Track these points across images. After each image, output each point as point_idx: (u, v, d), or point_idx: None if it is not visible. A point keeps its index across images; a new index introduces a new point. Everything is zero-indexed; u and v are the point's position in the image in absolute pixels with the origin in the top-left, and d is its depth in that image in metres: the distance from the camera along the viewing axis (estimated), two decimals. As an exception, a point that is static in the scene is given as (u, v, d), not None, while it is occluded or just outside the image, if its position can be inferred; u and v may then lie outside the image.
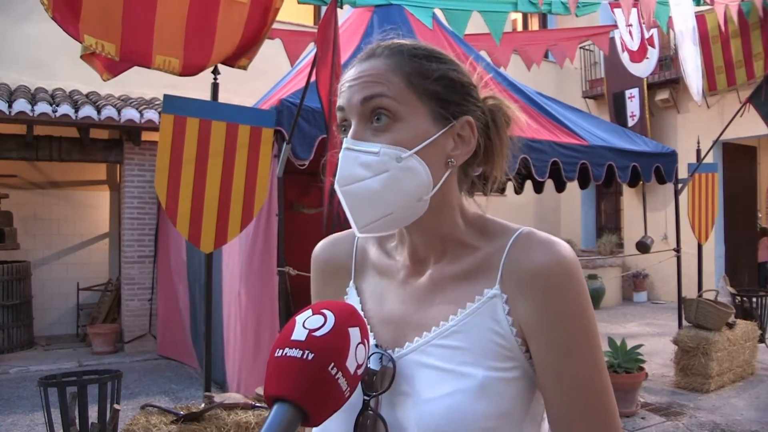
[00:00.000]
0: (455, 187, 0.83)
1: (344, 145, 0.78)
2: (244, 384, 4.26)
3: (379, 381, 0.76)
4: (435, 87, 0.79)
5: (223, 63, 3.11)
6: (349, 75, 0.81)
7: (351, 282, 0.90)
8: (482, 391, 0.71)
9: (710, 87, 6.46)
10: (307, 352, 0.65)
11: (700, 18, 6.25)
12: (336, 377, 0.66)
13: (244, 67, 3.18)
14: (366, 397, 0.76)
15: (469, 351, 0.74)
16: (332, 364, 0.66)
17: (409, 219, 0.79)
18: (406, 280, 0.85)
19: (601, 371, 0.74)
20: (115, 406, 3.22)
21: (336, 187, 0.79)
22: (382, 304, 0.85)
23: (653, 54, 6.09)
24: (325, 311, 0.70)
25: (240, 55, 3.11)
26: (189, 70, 2.88)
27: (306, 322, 0.68)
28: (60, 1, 2.50)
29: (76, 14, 2.55)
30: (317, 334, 0.67)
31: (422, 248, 0.83)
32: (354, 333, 0.69)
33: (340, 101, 0.81)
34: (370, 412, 0.75)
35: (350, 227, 0.82)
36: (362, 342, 0.70)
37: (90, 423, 3.14)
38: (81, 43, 2.67)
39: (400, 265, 0.86)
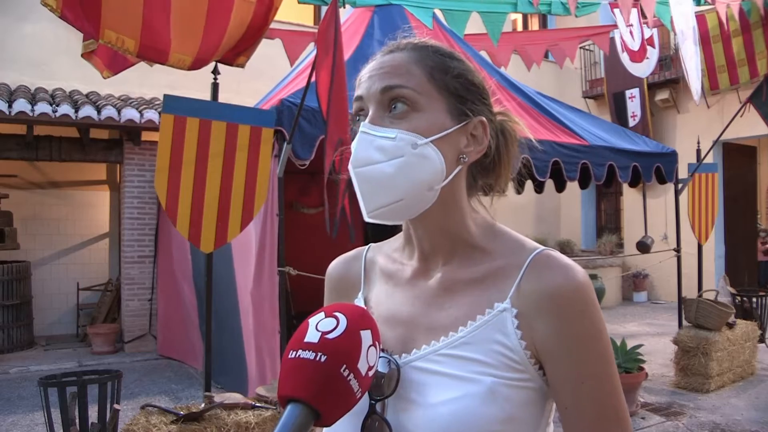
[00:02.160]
0: (463, 189, 0.84)
1: (361, 129, 0.79)
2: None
3: (386, 385, 0.77)
4: (454, 83, 0.81)
5: (222, 62, 3.11)
6: (369, 66, 0.83)
7: (360, 294, 0.92)
8: (491, 395, 0.72)
9: (712, 86, 6.45)
10: (320, 354, 0.67)
11: (700, 18, 6.24)
12: (348, 379, 0.67)
13: (242, 65, 3.17)
14: (372, 401, 0.77)
15: (477, 361, 0.75)
16: (344, 366, 0.67)
17: (418, 209, 0.80)
18: (414, 281, 0.85)
19: (616, 387, 0.76)
20: (115, 406, 3.22)
21: (350, 167, 0.79)
22: (389, 305, 0.85)
23: (653, 54, 6.09)
24: (338, 314, 0.71)
25: (239, 53, 3.11)
26: (195, 64, 2.89)
27: (319, 325, 0.70)
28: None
29: (94, 10, 2.53)
30: (330, 336, 0.68)
31: (428, 245, 0.84)
32: (365, 335, 0.70)
33: (359, 91, 0.82)
34: (376, 415, 0.76)
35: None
36: (373, 344, 0.71)
37: (90, 423, 3.14)
38: (97, 39, 2.64)
39: (407, 267, 0.87)
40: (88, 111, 6.28)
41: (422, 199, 0.79)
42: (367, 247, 0.97)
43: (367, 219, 0.81)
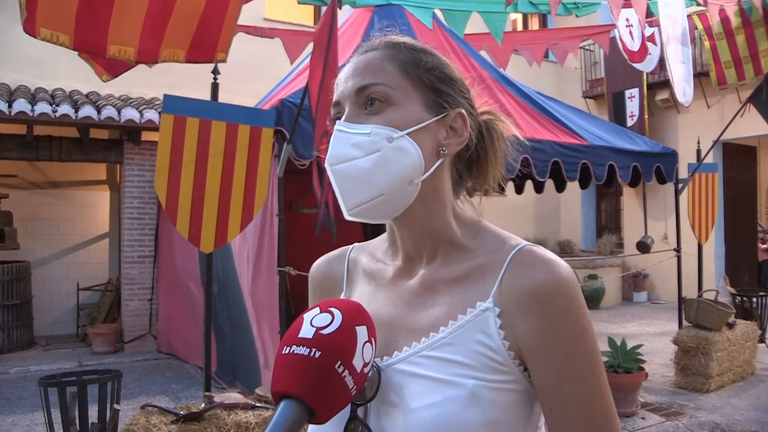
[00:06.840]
0: (447, 185, 0.83)
1: (336, 127, 0.78)
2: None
3: (368, 389, 0.75)
4: (428, 76, 0.80)
5: (197, 61, 3.06)
6: (345, 70, 0.82)
7: (342, 295, 0.90)
8: (473, 399, 0.70)
9: (719, 81, 6.42)
10: (314, 350, 0.65)
11: (702, 15, 6.24)
12: (343, 375, 0.65)
13: (223, 60, 3.12)
14: (354, 406, 0.75)
15: (459, 363, 0.72)
16: (339, 362, 0.65)
17: (400, 204, 0.78)
18: (396, 281, 0.84)
19: (602, 388, 0.73)
20: (115, 406, 3.22)
21: (326, 166, 0.78)
22: (371, 306, 0.83)
23: (655, 51, 6.06)
24: (333, 309, 0.69)
25: (213, 48, 3.06)
26: (144, 57, 2.89)
27: (314, 320, 0.68)
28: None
29: (32, 8, 2.61)
30: (324, 332, 0.67)
31: (412, 245, 0.82)
32: (361, 331, 0.69)
33: (335, 96, 0.81)
34: (358, 420, 0.74)
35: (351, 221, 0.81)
36: (369, 340, 0.70)
37: (90, 423, 3.14)
38: (35, 37, 2.72)
39: (390, 267, 0.85)
40: (88, 111, 6.28)
41: (403, 194, 0.77)
42: (351, 246, 0.95)
43: (347, 217, 0.79)
